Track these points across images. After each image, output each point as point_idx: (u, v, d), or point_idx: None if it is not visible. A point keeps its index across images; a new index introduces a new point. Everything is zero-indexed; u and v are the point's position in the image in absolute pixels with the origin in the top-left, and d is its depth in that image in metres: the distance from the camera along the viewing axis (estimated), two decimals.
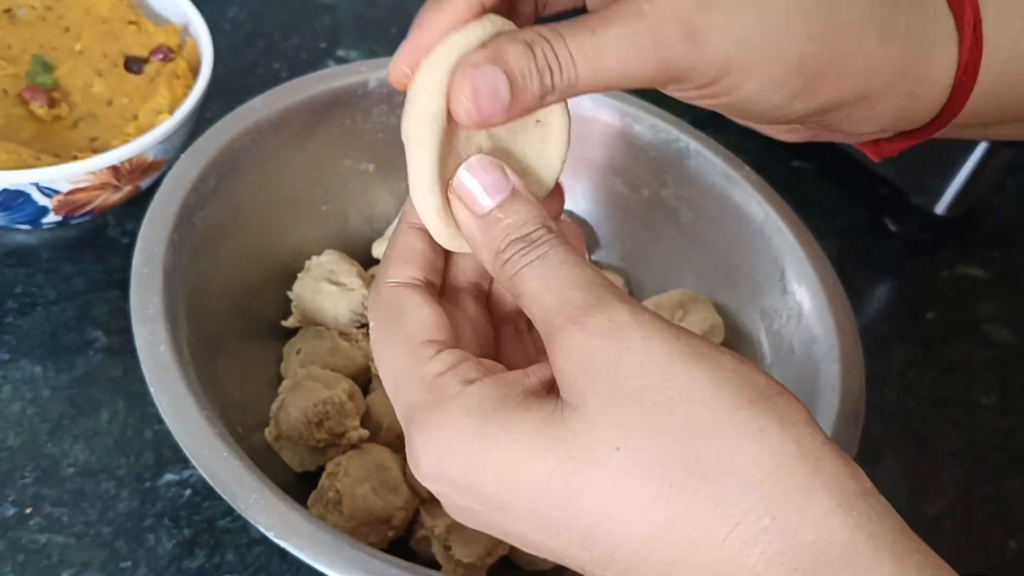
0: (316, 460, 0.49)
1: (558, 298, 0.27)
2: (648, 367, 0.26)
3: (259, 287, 0.53)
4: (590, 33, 0.28)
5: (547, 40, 0.28)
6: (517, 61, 0.28)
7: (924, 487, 0.57)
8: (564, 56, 0.28)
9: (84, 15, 0.61)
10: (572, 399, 0.26)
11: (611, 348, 0.26)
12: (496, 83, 0.27)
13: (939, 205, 0.68)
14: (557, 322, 0.27)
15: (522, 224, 0.28)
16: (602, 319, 0.26)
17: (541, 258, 0.28)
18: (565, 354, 0.27)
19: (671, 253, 0.58)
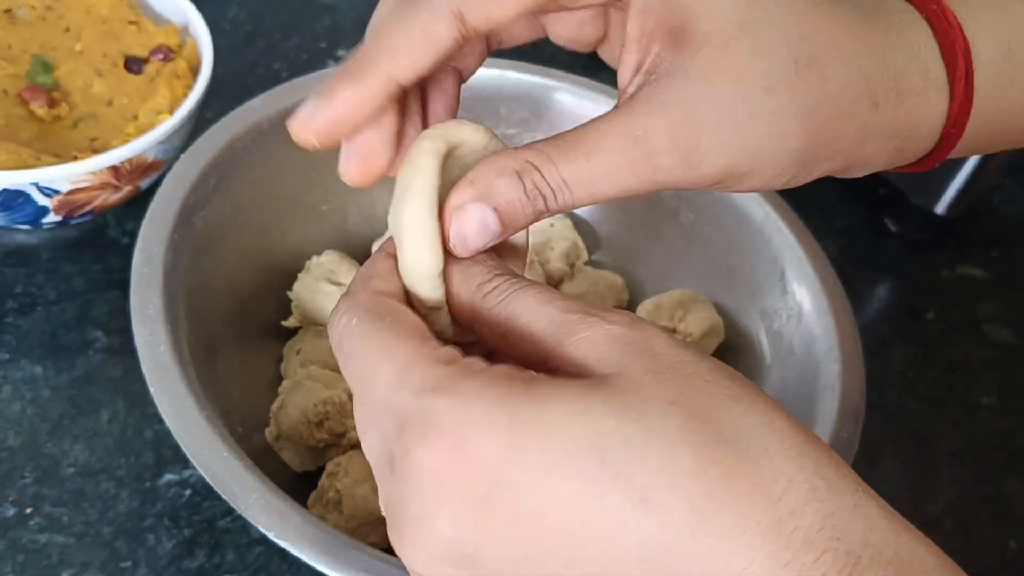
0: (316, 460, 0.49)
1: (563, 304, 0.26)
2: (676, 350, 0.26)
3: (259, 287, 0.53)
4: (583, 159, 0.28)
5: (538, 169, 0.27)
6: (506, 195, 0.27)
7: (924, 487, 0.57)
8: (556, 182, 0.28)
9: (84, 15, 0.61)
10: (611, 370, 0.25)
11: (638, 334, 0.26)
12: (485, 219, 0.27)
13: (939, 205, 0.68)
14: (573, 318, 0.26)
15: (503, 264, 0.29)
16: (621, 314, 0.26)
17: (534, 286, 0.27)
18: (591, 341, 0.25)
19: (671, 253, 0.58)
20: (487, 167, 0.28)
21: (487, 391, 0.24)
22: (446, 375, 0.25)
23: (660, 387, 0.25)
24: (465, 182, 0.28)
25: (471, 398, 0.24)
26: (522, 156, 0.28)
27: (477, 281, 0.28)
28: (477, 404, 0.24)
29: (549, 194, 0.28)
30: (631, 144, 0.28)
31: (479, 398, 0.24)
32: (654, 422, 0.24)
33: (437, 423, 0.24)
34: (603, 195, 0.28)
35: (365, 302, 0.28)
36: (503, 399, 0.24)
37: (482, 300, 0.28)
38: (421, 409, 0.24)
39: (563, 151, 0.28)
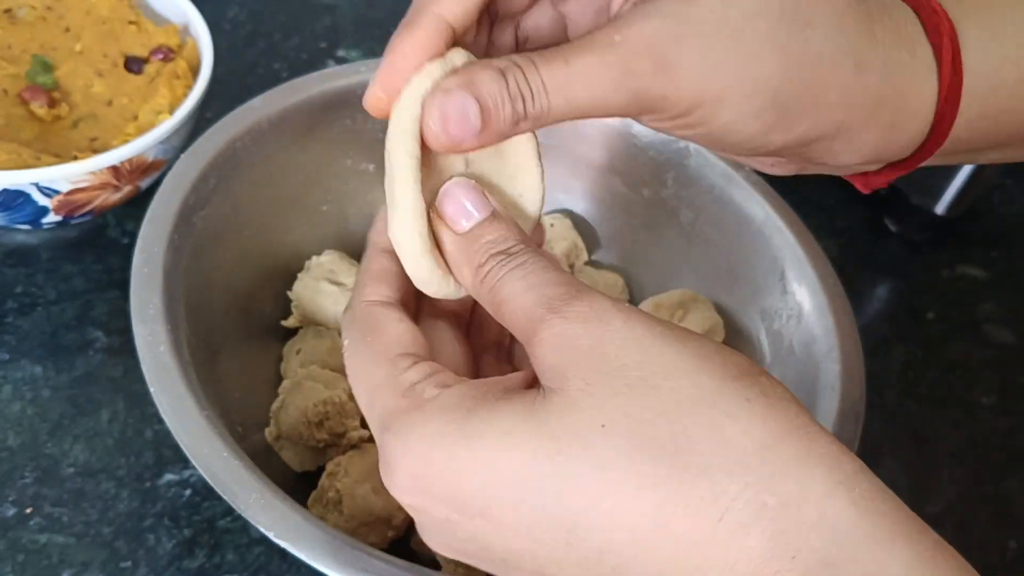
0: (316, 460, 0.49)
1: (538, 294, 0.27)
2: (630, 347, 0.25)
3: (259, 287, 0.53)
4: (563, 62, 0.28)
5: (520, 68, 0.28)
6: (489, 88, 0.28)
7: (924, 487, 0.57)
8: (536, 84, 0.28)
9: (84, 15, 0.61)
10: (553, 384, 0.26)
11: (592, 332, 0.26)
12: (466, 108, 0.28)
13: (939, 205, 0.68)
14: (538, 315, 0.27)
15: (502, 240, 0.29)
16: (582, 306, 0.26)
17: (520, 266, 0.28)
18: (546, 345, 0.26)
19: (671, 253, 0.58)
20: (472, 65, 0.29)
21: (428, 427, 0.26)
22: (399, 409, 0.27)
23: (593, 408, 0.25)
24: (450, 73, 0.29)
25: (414, 436, 0.26)
26: (507, 58, 0.28)
27: (476, 263, 0.29)
28: (419, 442, 0.26)
29: (528, 95, 0.28)
30: (609, 49, 0.28)
31: (420, 436, 0.26)
32: (581, 451, 0.24)
33: (390, 460, 0.27)
34: (578, 101, 0.28)
35: (355, 317, 0.31)
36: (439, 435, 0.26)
37: (480, 284, 0.29)
38: (381, 445, 0.28)
39: (545, 56, 0.28)
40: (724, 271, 0.56)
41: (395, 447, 0.27)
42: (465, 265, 0.29)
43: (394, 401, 0.27)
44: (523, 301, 0.27)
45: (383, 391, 0.28)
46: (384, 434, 0.27)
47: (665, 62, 0.28)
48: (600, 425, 0.24)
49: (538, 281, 0.27)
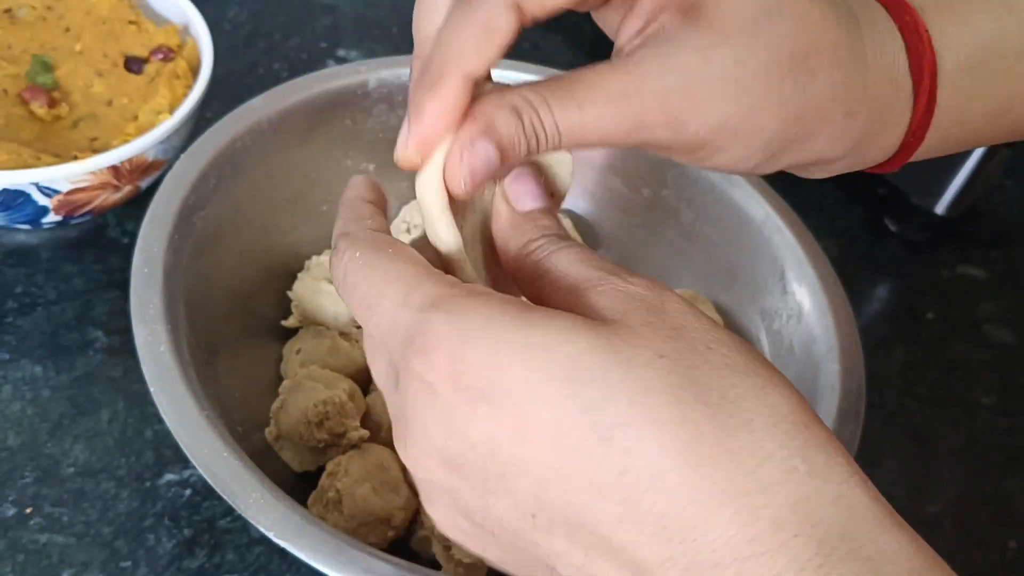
0: (316, 460, 0.49)
1: (594, 264, 0.28)
2: (688, 315, 0.26)
3: (259, 287, 0.53)
4: (576, 107, 0.29)
5: (534, 109, 0.29)
6: (507, 131, 0.28)
7: (924, 487, 0.57)
8: (550, 126, 0.29)
9: (84, 15, 0.61)
10: (613, 317, 0.26)
11: (653, 296, 0.26)
12: (489, 155, 0.28)
13: (939, 205, 0.68)
14: (596, 275, 0.27)
15: (555, 228, 0.30)
16: (643, 278, 0.27)
17: (571, 248, 0.29)
18: (605, 294, 0.27)
19: (671, 253, 0.58)
20: (487, 101, 0.29)
21: (482, 310, 0.25)
22: (447, 294, 0.26)
23: (654, 340, 0.25)
24: (468, 119, 0.29)
25: (466, 315, 0.25)
26: (521, 94, 0.29)
27: (527, 238, 0.30)
28: (471, 321, 0.25)
29: (542, 135, 0.29)
30: (622, 100, 0.29)
31: (474, 316, 0.25)
32: (635, 368, 0.24)
33: (434, 336, 0.25)
34: (587, 143, 0.30)
35: (365, 238, 0.30)
36: (495, 318, 0.25)
37: (526, 255, 0.29)
38: (420, 324, 0.26)
39: (558, 96, 0.29)
40: (724, 271, 0.56)
41: (442, 322, 0.25)
42: (513, 239, 0.30)
43: (442, 288, 0.26)
44: (575, 269, 0.28)
45: (424, 281, 0.27)
46: (428, 313, 0.26)
47: (675, 120, 0.30)
48: (658, 355, 0.25)
49: (590, 259, 0.28)
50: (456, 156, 0.29)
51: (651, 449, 0.24)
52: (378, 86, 0.55)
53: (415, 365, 0.26)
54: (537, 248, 0.29)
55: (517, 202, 0.31)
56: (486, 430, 0.25)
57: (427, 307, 0.26)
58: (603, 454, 0.24)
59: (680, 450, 0.24)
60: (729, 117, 0.30)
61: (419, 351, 0.26)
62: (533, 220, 0.30)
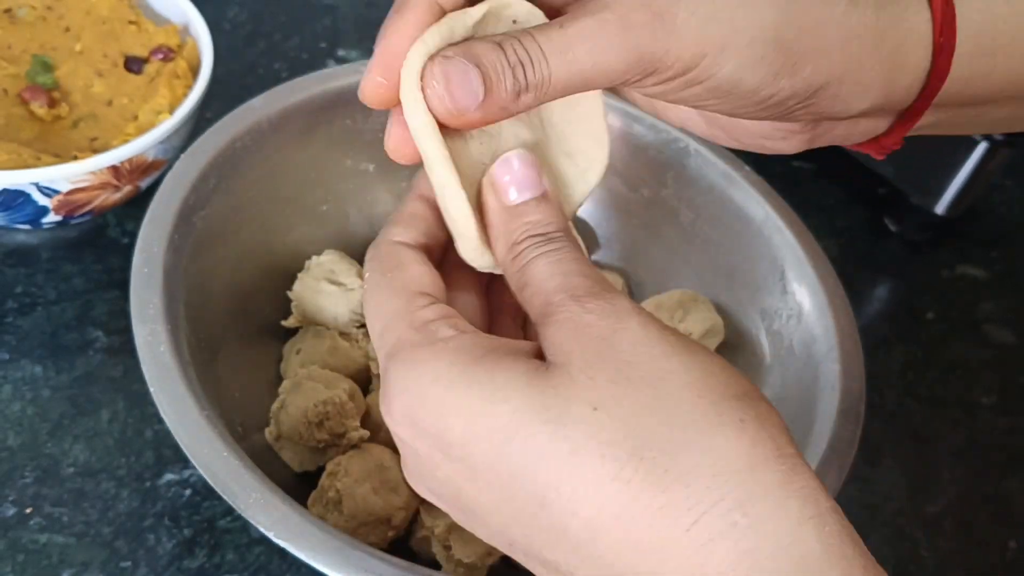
0: (316, 460, 0.49)
1: (563, 281, 0.27)
2: (640, 348, 0.25)
3: (259, 287, 0.53)
4: (558, 27, 0.28)
5: (516, 38, 0.28)
6: (488, 56, 0.28)
7: (924, 487, 0.57)
8: (535, 51, 0.28)
9: (84, 15, 0.61)
10: (558, 359, 0.26)
11: (606, 325, 0.26)
12: (468, 75, 0.27)
13: (939, 205, 0.68)
14: (557, 300, 0.27)
15: (545, 223, 0.29)
16: (602, 302, 0.27)
17: (555, 251, 0.28)
18: (558, 325, 0.26)
19: (671, 253, 0.58)
20: (469, 40, 0.28)
21: (431, 365, 0.26)
22: (408, 342, 0.27)
23: (590, 389, 0.25)
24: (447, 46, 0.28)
25: (416, 369, 0.27)
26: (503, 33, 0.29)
27: (512, 240, 0.29)
28: (421, 377, 0.27)
29: (528, 62, 0.28)
30: (603, 6, 0.28)
31: (423, 371, 0.27)
32: (566, 426, 0.24)
33: (389, 387, 0.27)
34: (579, 66, 0.28)
35: (379, 254, 0.31)
36: (443, 375, 0.26)
37: (511, 262, 0.29)
38: (385, 373, 0.28)
39: (540, 26, 0.28)
40: (724, 271, 0.56)
41: (397, 376, 0.27)
42: (502, 237, 0.29)
43: (407, 333, 0.28)
44: (547, 285, 0.28)
45: (397, 323, 0.28)
46: (389, 361, 0.27)
47: (661, 12, 0.28)
48: (592, 407, 0.24)
49: (566, 270, 0.28)
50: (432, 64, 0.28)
51: (587, 510, 0.24)
52: None
53: (384, 414, 0.28)
54: (520, 253, 0.29)
55: (505, 193, 0.30)
56: (446, 475, 0.27)
57: (390, 356, 0.28)
58: (544, 515, 0.25)
59: (614, 511, 0.24)
60: (719, 6, 0.28)
61: (382, 397, 0.28)
62: (520, 216, 0.29)
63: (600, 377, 0.25)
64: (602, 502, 0.24)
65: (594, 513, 0.24)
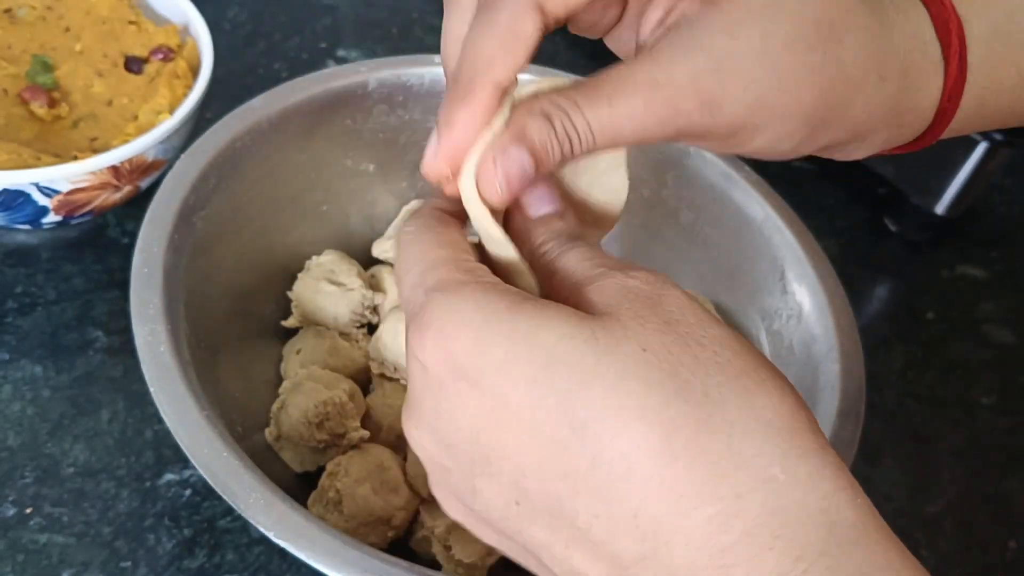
0: (316, 460, 0.49)
1: (599, 261, 0.28)
2: (686, 310, 0.26)
3: (259, 287, 0.53)
4: (607, 103, 0.28)
5: (565, 112, 0.29)
6: (540, 136, 0.28)
7: (924, 487, 0.57)
8: (582, 126, 0.29)
9: (84, 15, 0.61)
10: (606, 310, 0.26)
11: (652, 290, 0.26)
12: (523, 162, 0.28)
13: (939, 205, 0.68)
14: (596, 272, 0.27)
15: (565, 230, 0.30)
16: (646, 272, 0.27)
17: (582, 247, 0.29)
18: (602, 289, 0.26)
19: (671, 253, 0.58)
20: (519, 114, 0.29)
21: (478, 295, 0.26)
22: (454, 280, 0.27)
23: (640, 333, 0.25)
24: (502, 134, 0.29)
25: (462, 298, 0.26)
26: (550, 99, 0.29)
27: (539, 241, 0.30)
28: (464, 303, 0.26)
29: (575, 137, 0.29)
30: (652, 89, 0.28)
31: (468, 299, 0.26)
32: (614, 356, 0.24)
33: (429, 316, 0.26)
34: (623, 139, 0.29)
35: (425, 213, 0.30)
36: (488, 303, 0.26)
37: (538, 258, 0.29)
38: (423, 304, 0.27)
39: (586, 96, 0.29)
40: (724, 271, 0.56)
41: (439, 304, 0.26)
42: (525, 243, 0.30)
43: (454, 274, 0.27)
44: (582, 266, 0.28)
45: (444, 265, 0.28)
46: (433, 294, 0.27)
47: (710, 101, 0.29)
48: (642, 348, 0.24)
49: (598, 255, 0.28)
50: (489, 163, 0.29)
51: (623, 441, 0.23)
52: (378, 86, 0.55)
53: (412, 342, 0.27)
54: (547, 251, 0.29)
55: (529, 208, 0.30)
56: (470, 413, 0.25)
57: (432, 289, 0.27)
58: (576, 444, 0.24)
59: (653, 445, 0.23)
60: (763, 92, 0.29)
61: (416, 329, 0.26)
62: (544, 224, 0.30)
63: (650, 325, 0.25)
64: (643, 434, 0.23)
65: (632, 446, 0.23)
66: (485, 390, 0.25)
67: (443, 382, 0.26)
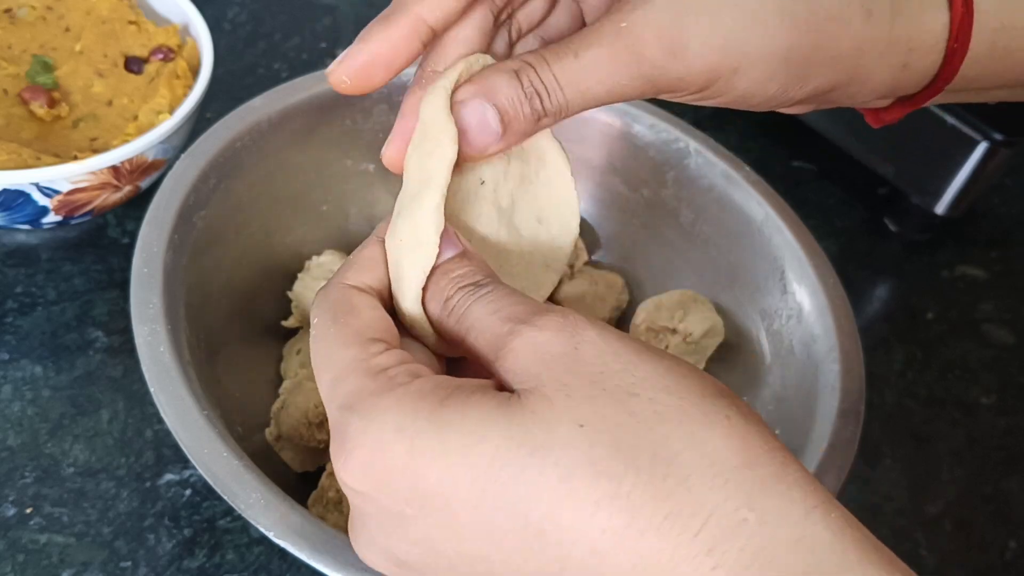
0: (316, 460, 0.49)
1: (506, 314, 0.26)
2: (607, 356, 0.25)
3: (259, 287, 0.53)
4: (573, 56, 0.28)
5: (532, 67, 0.28)
6: (506, 91, 0.28)
7: (924, 487, 0.57)
8: (550, 81, 0.28)
9: (84, 15, 0.61)
10: (527, 385, 0.25)
11: (566, 341, 0.25)
12: (485, 115, 0.28)
13: (939, 205, 0.68)
14: (505, 329, 0.26)
15: (472, 274, 0.28)
16: (553, 316, 0.26)
17: (488, 294, 0.27)
18: (516, 353, 0.25)
19: (671, 253, 0.58)
20: (485, 70, 0.29)
21: (395, 411, 0.24)
22: (366, 391, 0.25)
23: (570, 408, 0.24)
24: (466, 82, 0.29)
25: (380, 420, 0.25)
26: (517, 58, 0.29)
27: (444, 296, 0.28)
28: (385, 425, 0.24)
29: (544, 92, 0.28)
30: (615, 37, 0.28)
31: (387, 420, 0.24)
32: (554, 451, 0.23)
33: (350, 443, 0.25)
34: (593, 93, 0.28)
35: (329, 297, 0.29)
36: (408, 421, 0.24)
37: (447, 317, 0.28)
38: (339, 425, 0.25)
39: (554, 51, 0.28)
40: (724, 271, 0.56)
41: (357, 429, 0.25)
42: (434, 299, 0.29)
43: (362, 382, 0.26)
44: (489, 321, 0.26)
45: (351, 372, 0.26)
46: (346, 414, 0.25)
47: (673, 45, 0.28)
48: (578, 424, 0.23)
49: (505, 304, 0.27)
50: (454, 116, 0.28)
51: (587, 534, 0.23)
52: None
53: (338, 468, 0.25)
54: (455, 306, 0.28)
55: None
56: (421, 533, 0.25)
57: (344, 408, 0.25)
58: (539, 548, 0.23)
59: (616, 529, 0.22)
60: (731, 33, 0.28)
61: (339, 455, 0.25)
62: (446, 274, 0.29)
63: (577, 393, 0.24)
64: (604, 524, 0.23)
65: (597, 536, 0.23)
66: (430, 510, 0.24)
67: (382, 506, 0.25)
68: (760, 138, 0.74)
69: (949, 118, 0.64)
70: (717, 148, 0.56)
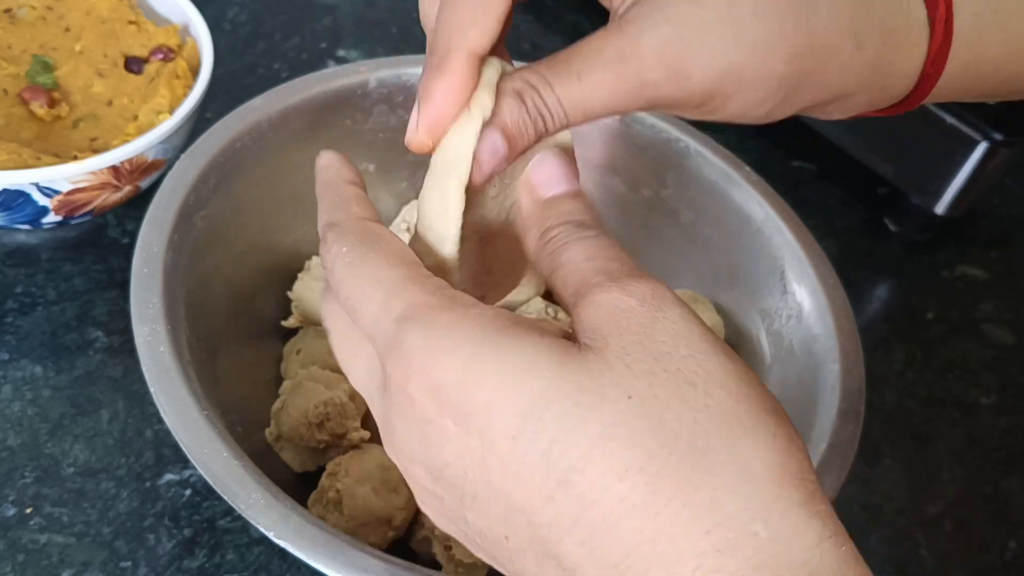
0: (316, 460, 0.49)
1: (600, 265, 0.27)
2: (680, 340, 0.25)
3: (259, 287, 0.53)
4: (576, 79, 0.28)
5: (535, 89, 0.28)
6: (511, 116, 0.28)
7: (924, 487, 0.57)
8: (553, 103, 0.29)
9: (84, 15, 0.61)
10: (595, 344, 0.25)
11: (647, 313, 0.25)
12: (495, 143, 0.28)
13: (939, 205, 0.68)
14: (595, 280, 0.26)
15: (580, 213, 0.29)
16: (644, 285, 0.26)
17: (588, 239, 0.28)
18: (596, 307, 0.26)
19: (671, 253, 0.58)
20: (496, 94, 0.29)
21: (457, 326, 0.25)
22: (425, 304, 0.26)
23: (626, 377, 0.24)
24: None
25: (441, 330, 0.25)
26: (521, 76, 0.29)
27: (546, 226, 0.29)
28: (445, 336, 0.25)
29: (547, 114, 0.29)
30: (619, 61, 0.28)
31: (447, 332, 0.25)
32: (599, 410, 0.24)
33: (409, 350, 0.25)
34: (595, 113, 0.29)
35: (352, 228, 0.30)
36: (469, 336, 0.25)
37: (544, 244, 0.29)
38: (398, 335, 0.26)
39: (557, 72, 0.29)
40: (724, 271, 0.56)
41: (418, 336, 0.25)
42: (534, 227, 0.29)
43: (422, 297, 0.26)
44: (583, 266, 0.27)
45: (407, 287, 0.26)
46: (405, 324, 0.26)
47: (677, 73, 0.29)
48: (627, 395, 0.24)
49: (602, 255, 0.27)
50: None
51: (607, 496, 0.23)
52: (378, 86, 0.55)
53: (395, 375, 0.26)
54: (553, 238, 0.28)
55: (540, 188, 0.30)
56: (457, 451, 0.25)
57: (404, 319, 0.26)
58: (562, 496, 0.24)
59: (636, 501, 0.23)
60: (731, 60, 0.29)
61: (398, 363, 0.26)
62: (554, 206, 0.29)
63: (637, 366, 0.24)
64: (626, 490, 0.23)
65: (616, 501, 0.23)
66: (471, 431, 0.25)
67: (429, 415, 0.25)
68: (760, 138, 0.74)
69: (949, 118, 0.64)
70: (717, 148, 0.56)
